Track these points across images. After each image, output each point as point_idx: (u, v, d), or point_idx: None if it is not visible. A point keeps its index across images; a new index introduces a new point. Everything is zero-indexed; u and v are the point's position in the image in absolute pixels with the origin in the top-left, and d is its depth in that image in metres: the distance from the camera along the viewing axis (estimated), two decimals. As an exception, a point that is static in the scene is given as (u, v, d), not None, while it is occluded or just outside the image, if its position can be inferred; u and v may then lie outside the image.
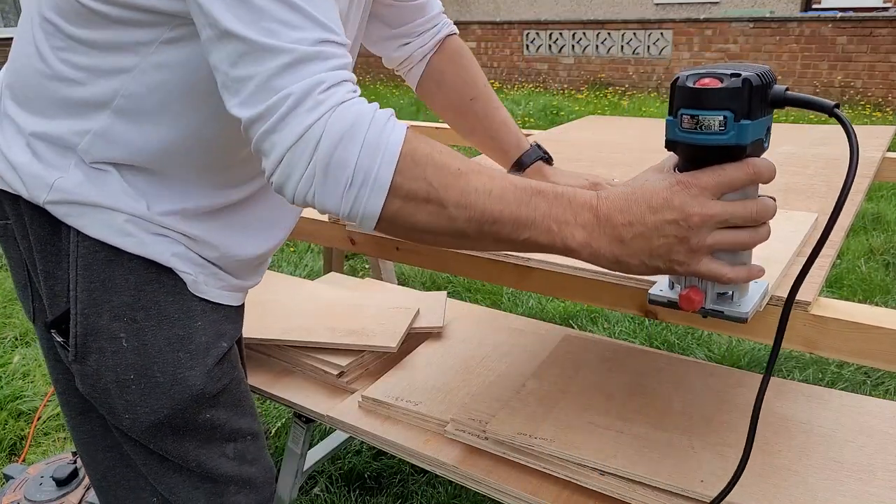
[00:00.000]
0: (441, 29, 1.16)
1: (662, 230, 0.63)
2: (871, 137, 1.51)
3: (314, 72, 0.61)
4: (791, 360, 2.33)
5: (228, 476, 0.92)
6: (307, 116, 0.60)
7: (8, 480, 1.67)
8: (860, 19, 7.87)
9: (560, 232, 0.65)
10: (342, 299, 1.63)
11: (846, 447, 1.03)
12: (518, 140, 1.14)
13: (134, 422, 0.85)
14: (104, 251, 0.80)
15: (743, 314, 0.69)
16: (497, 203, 0.64)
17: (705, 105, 0.61)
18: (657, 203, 0.64)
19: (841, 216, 0.99)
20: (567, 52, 9.70)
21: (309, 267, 3.31)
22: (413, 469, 1.83)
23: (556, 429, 1.08)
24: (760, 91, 0.61)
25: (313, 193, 0.63)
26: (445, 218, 0.64)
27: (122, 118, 0.77)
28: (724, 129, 0.61)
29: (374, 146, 0.61)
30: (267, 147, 0.63)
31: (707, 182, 0.63)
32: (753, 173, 0.63)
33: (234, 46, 0.61)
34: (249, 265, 0.93)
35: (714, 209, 0.63)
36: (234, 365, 0.92)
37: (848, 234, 0.96)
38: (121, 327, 0.82)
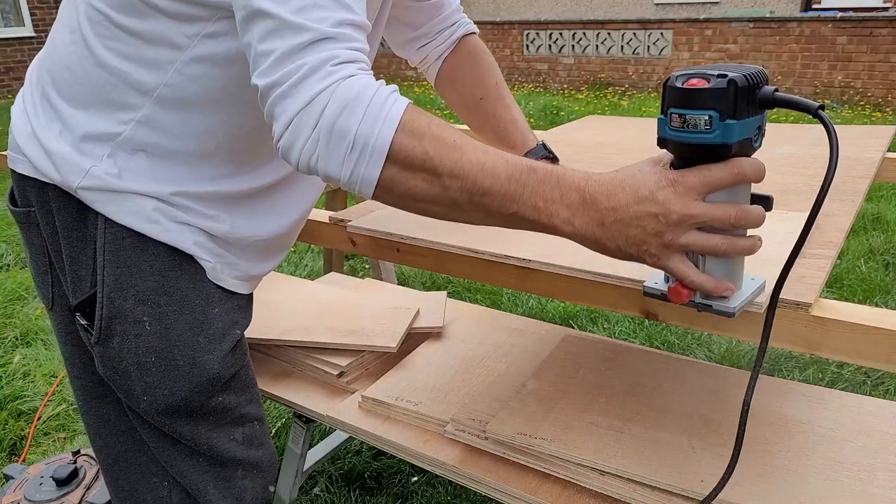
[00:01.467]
0: (457, 29, 1.19)
1: (641, 221, 0.65)
2: (871, 137, 1.50)
3: (331, 48, 0.65)
4: (791, 360, 2.34)
5: (237, 459, 0.96)
6: (317, 84, 0.64)
7: (8, 480, 1.67)
8: (860, 19, 7.87)
9: (545, 209, 0.67)
10: (342, 299, 1.63)
11: (846, 447, 1.03)
12: (524, 139, 1.15)
13: (151, 404, 0.88)
14: (131, 237, 0.84)
15: (730, 309, 0.70)
16: (488, 176, 0.66)
17: (692, 104, 0.63)
18: (643, 194, 0.65)
19: (841, 217, 1.00)
20: (567, 52, 9.70)
21: (309, 267, 3.31)
22: (413, 469, 1.83)
23: (556, 429, 1.08)
24: (747, 92, 0.62)
25: (317, 158, 0.66)
26: (439, 186, 0.67)
27: (164, 106, 0.81)
28: (710, 128, 0.62)
29: (375, 116, 0.65)
30: (278, 111, 0.66)
31: (693, 182, 0.65)
32: (738, 173, 0.64)
33: (264, 23, 0.66)
34: (264, 249, 0.97)
35: (694, 210, 0.64)
36: (245, 352, 0.97)
37: (848, 235, 0.96)
38: (145, 311, 0.86)
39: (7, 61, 9.74)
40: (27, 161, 0.86)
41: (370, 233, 1.08)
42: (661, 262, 0.68)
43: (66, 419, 2.15)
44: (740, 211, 0.66)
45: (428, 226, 0.82)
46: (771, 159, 1.35)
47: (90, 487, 1.60)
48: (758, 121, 0.65)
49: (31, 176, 0.87)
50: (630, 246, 0.67)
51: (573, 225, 0.67)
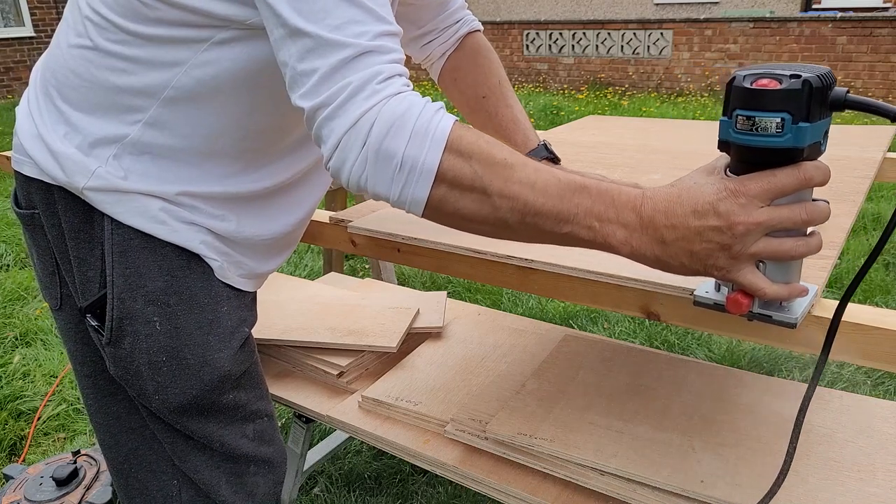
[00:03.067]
0: (462, 26, 1.19)
1: (705, 235, 0.63)
2: (872, 137, 1.50)
3: (373, 63, 0.65)
4: (791, 360, 2.34)
5: (249, 456, 0.97)
6: (364, 104, 0.64)
7: (8, 480, 1.67)
8: (860, 19, 7.87)
9: (601, 229, 0.65)
10: (342, 299, 1.63)
11: (846, 447, 1.03)
12: (526, 138, 1.15)
13: (163, 402, 0.89)
14: (138, 238, 0.85)
15: (792, 319, 0.67)
16: (540, 196, 0.65)
17: (762, 106, 0.60)
18: (702, 208, 0.63)
19: (842, 217, 1.00)
20: (567, 52, 9.70)
21: (309, 267, 3.31)
22: (413, 469, 1.83)
23: (556, 429, 1.08)
24: (820, 93, 0.59)
25: (366, 178, 0.66)
26: (489, 206, 0.66)
27: (170, 108, 0.81)
28: (781, 131, 0.59)
29: (423, 135, 0.64)
30: (325, 133, 0.66)
31: (756, 190, 0.62)
32: (805, 178, 0.62)
33: (303, 43, 0.66)
34: (270, 248, 0.97)
35: (760, 217, 0.62)
36: (253, 349, 0.98)
37: (848, 235, 0.96)
38: (155, 311, 0.86)
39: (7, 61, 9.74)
40: (32, 163, 0.86)
41: (371, 233, 1.08)
42: (731, 276, 0.65)
43: (66, 419, 2.15)
44: (809, 207, 0.63)
45: (428, 226, 0.82)
46: (771, 159, 1.35)
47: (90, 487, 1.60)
48: (827, 124, 0.63)
49: (36, 178, 0.87)
50: (695, 262, 0.65)
51: (631, 245, 0.65)
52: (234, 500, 0.97)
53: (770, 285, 0.65)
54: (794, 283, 0.67)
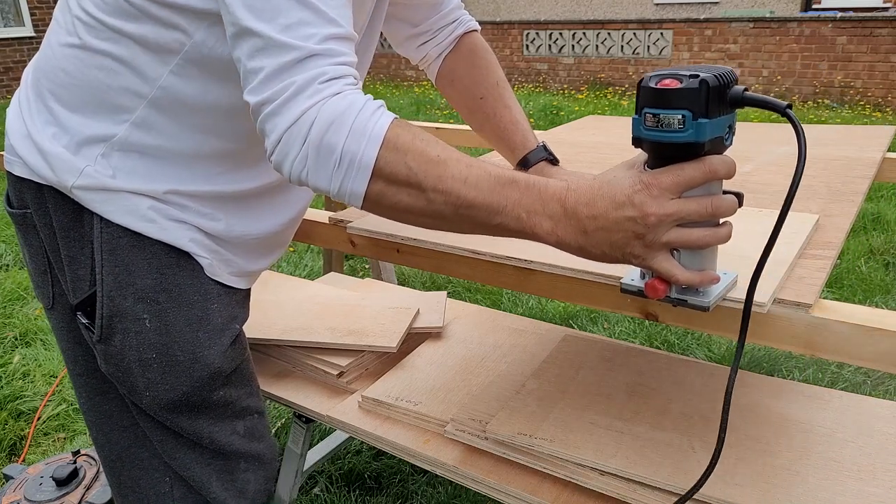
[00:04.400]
0: (458, 27, 1.18)
1: (622, 225, 0.67)
2: (871, 137, 1.50)
3: (318, 65, 0.67)
4: (791, 360, 2.34)
5: (239, 452, 0.98)
6: (305, 102, 0.67)
7: (8, 480, 1.67)
8: (860, 19, 7.87)
9: (529, 220, 0.69)
10: (342, 299, 1.63)
11: (846, 447, 1.03)
12: (525, 139, 1.15)
13: (154, 399, 0.90)
14: (127, 237, 0.86)
15: (705, 304, 0.72)
16: (472, 190, 0.69)
17: (666, 104, 0.64)
18: (619, 200, 0.67)
19: (841, 217, 1.00)
20: (567, 52, 9.70)
21: (309, 267, 3.31)
22: (413, 469, 1.83)
23: (556, 429, 1.08)
24: (718, 91, 0.64)
25: (307, 173, 0.69)
26: (424, 200, 0.70)
27: (158, 108, 0.83)
28: (683, 127, 0.64)
29: (361, 132, 0.67)
30: (269, 128, 0.69)
31: (667, 183, 0.66)
32: (710, 171, 0.66)
33: (253, 42, 0.68)
34: (260, 247, 0.98)
35: (670, 208, 0.66)
36: (245, 346, 0.98)
37: (848, 235, 0.96)
38: (144, 309, 0.87)
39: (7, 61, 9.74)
40: (23, 163, 0.87)
41: (370, 234, 1.08)
42: (646, 263, 0.69)
43: (65, 419, 2.15)
44: (715, 200, 0.67)
45: (428, 226, 0.83)
46: (771, 159, 1.35)
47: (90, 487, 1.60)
48: (729, 119, 0.67)
49: (27, 178, 0.87)
50: (614, 250, 0.69)
51: (557, 235, 0.69)
52: (224, 497, 0.98)
53: (683, 272, 0.69)
54: (708, 270, 0.72)
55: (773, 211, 1.01)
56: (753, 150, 1.43)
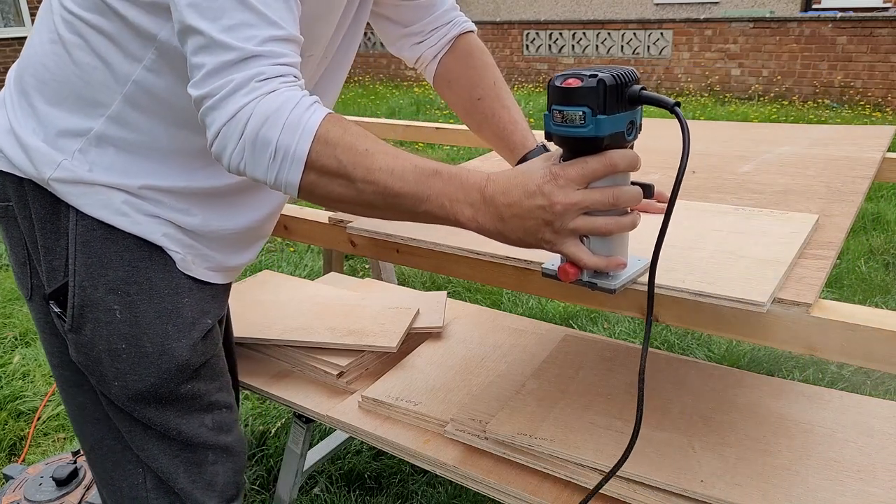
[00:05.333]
0: (452, 28, 1.18)
1: (533, 213, 0.72)
2: (871, 137, 1.50)
3: (257, 66, 0.71)
4: (791, 360, 2.34)
5: (207, 444, 0.99)
6: (242, 99, 0.71)
7: (8, 480, 1.67)
8: (860, 19, 7.87)
9: (451, 208, 0.74)
10: (342, 299, 1.63)
11: (846, 447, 1.03)
12: (524, 139, 1.15)
13: (122, 389, 0.92)
14: (101, 230, 0.88)
15: (611, 287, 0.77)
16: (398, 180, 0.73)
17: (569, 102, 0.70)
18: (531, 189, 0.72)
19: (841, 217, 1.00)
20: (567, 52, 9.70)
21: (309, 267, 3.31)
22: (413, 469, 1.83)
23: (556, 429, 1.08)
24: (615, 90, 0.69)
25: (244, 164, 0.73)
26: (355, 190, 0.74)
27: (132, 104, 0.85)
28: (584, 122, 0.69)
29: (294, 127, 0.71)
30: (209, 121, 0.73)
31: (572, 174, 0.71)
32: (611, 164, 0.71)
33: (196, 39, 0.72)
34: (237, 241, 0.99)
35: (575, 198, 0.71)
36: (216, 342, 1.00)
37: (848, 235, 0.96)
38: (115, 300, 0.90)
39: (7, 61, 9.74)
40: (5, 157, 0.90)
41: (370, 234, 1.08)
42: (556, 248, 0.74)
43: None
44: (617, 191, 0.72)
45: (427, 227, 0.82)
46: (771, 159, 1.35)
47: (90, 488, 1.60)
48: (629, 116, 0.72)
49: (8, 171, 0.90)
50: (528, 236, 0.74)
51: (477, 221, 0.74)
52: (191, 489, 0.99)
53: (590, 256, 0.74)
54: (616, 256, 0.77)
55: (773, 211, 1.01)
56: (753, 149, 1.43)
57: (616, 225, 0.74)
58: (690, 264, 0.84)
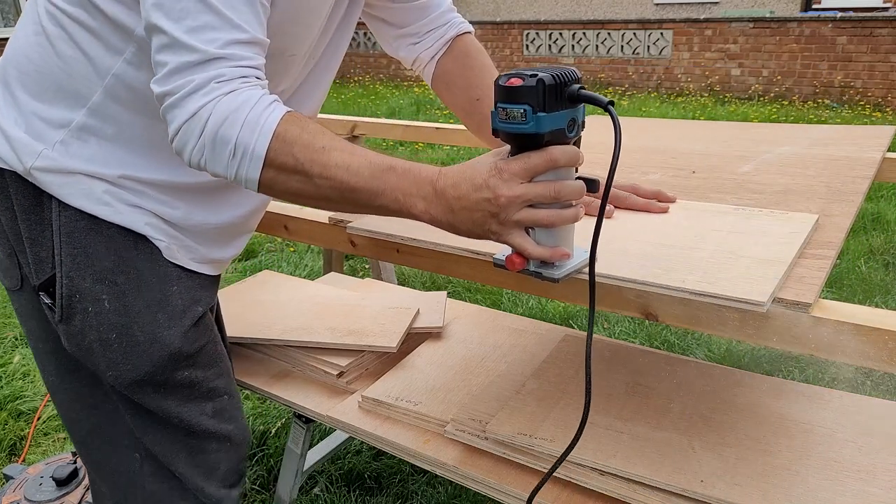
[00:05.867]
0: (449, 29, 1.18)
1: (480, 205, 0.75)
2: (871, 137, 1.50)
3: (218, 67, 0.74)
4: (791, 360, 2.34)
5: (209, 432, 1.00)
6: (202, 99, 0.73)
7: (8, 480, 1.67)
8: (860, 19, 7.87)
9: (405, 201, 0.77)
10: (342, 299, 1.63)
11: (846, 447, 1.03)
12: None
13: (117, 378, 0.93)
14: (84, 220, 0.89)
15: (555, 276, 0.80)
16: (354, 176, 0.76)
17: (511, 100, 0.73)
18: (478, 183, 0.75)
19: (841, 217, 1.00)
20: (567, 52, 9.70)
21: (309, 267, 3.31)
22: (413, 469, 1.83)
23: (556, 429, 1.08)
24: (554, 89, 0.72)
25: (205, 161, 0.76)
26: (312, 186, 0.77)
27: (113, 96, 0.86)
28: (525, 119, 0.73)
29: (253, 126, 0.74)
30: (169, 118, 0.75)
31: (516, 169, 0.74)
32: (551, 159, 0.74)
33: (161, 38, 0.74)
34: (221, 235, 1.00)
35: (518, 191, 0.74)
36: (210, 328, 1.00)
37: (848, 235, 0.96)
38: (103, 290, 0.90)
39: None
40: None
41: (370, 234, 1.08)
42: (502, 238, 0.77)
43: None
44: (558, 185, 0.75)
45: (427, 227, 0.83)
46: (770, 159, 1.35)
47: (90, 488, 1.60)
48: (569, 114, 0.75)
49: None
50: (476, 227, 0.77)
51: (430, 213, 0.77)
52: (191, 475, 1.00)
53: (534, 247, 0.77)
54: (561, 247, 0.80)
55: (773, 211, 1.01)
56: (753, 150, 1.43)
57: (558, 217, 0.76)
58: (690, 264, 0.84)
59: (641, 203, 1.04)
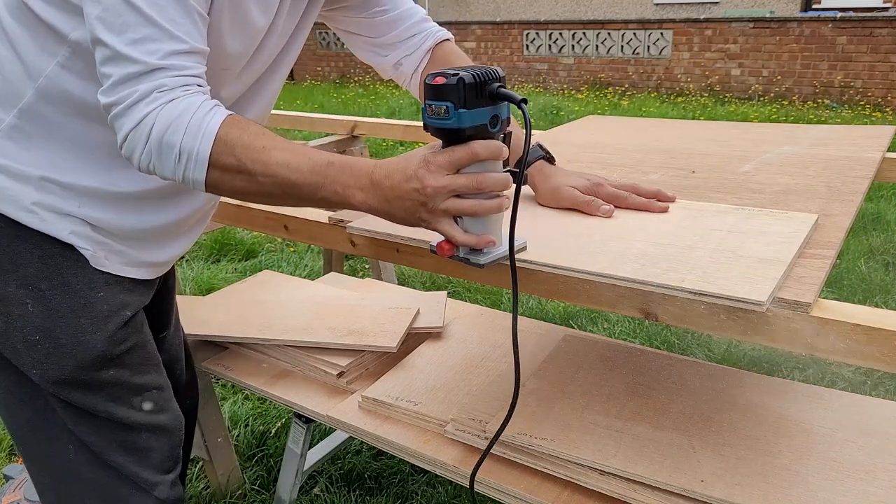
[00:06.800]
0: (425, 40, 1.17)
1: (410, 195, 0.80)
2: (871, 137, 1.50)
3: (159, 77, 0.77)
4: (791, 360, 2.34)
5: (139, 424, 1.02)
6: (145, 108, 0.77)
7: (8, 480, 1.67)
8: (860, 19, 7.87)
9: (344, 193, 0.82)
10: (342, 299, 1.63)
11: (846, 447, 1.03)
12: (517, 139, 1.14)
13: (42, 377, 0.95)
14: (9, 227, 0.90)
15: (479, 262, 0.86)
16: (294, 173, 0.81)
17: (437, 97, 0.78)
18: (408, 174, 0.80)
19: (841, 217, 1.00)
20: (567, 52, 9.70)
21: (309, 267, 3.31)
22: (413, 469, 1.83)
23: (556, 429, 1.08)
24: (474, 88, 0.78)
25: (153, 166, 0.80)
26: (256, 184, 0.81)
27: (45, 99, 0.88)
28: (448, 115, 0.78)
29: (196, 131, 0.78)
30: (117, 127, 0.80)
31: (441, 161, 0.79)
32: (472, 153, 0.79)
33: (104, 51, 0.77)
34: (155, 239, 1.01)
35: (443, 182, 0.79)
36: (139, 329, 1.03)
37: (848, 235, 0.96)
38: (27, 294, 0.92)
39: None
40: None
41: (370, 234, 1.08)
42: (432, 226, 0.82)
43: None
44: (481, 177, 0.80)
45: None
46: (770, 159, 1.35)
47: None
48: (491, 111, 0.80)
49: None
50: (409, 215, 0.82)
51: (368, 203, 0.82)
52: (125, 463, 1.02)
53: (461, 234, 0.83)
54: (487, 235, 0.85)
55: (773, 211, 1.01)
56: (753, 150, 1.43)
57: (481, 207, 0.81)
58: (690, 264, 0.84)
59: (641, 203, 1.04)
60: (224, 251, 3.50)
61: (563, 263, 0.89)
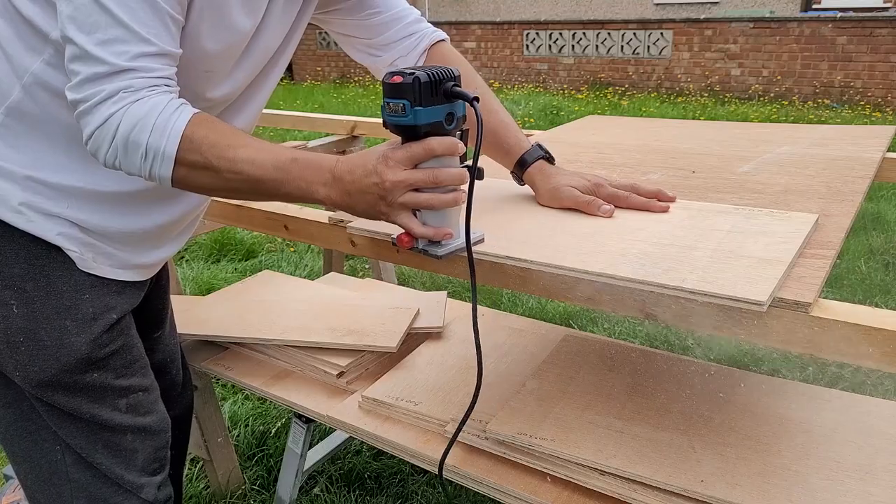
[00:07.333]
0: (420, 41, 1.16)
1: (370, 189, 0.83)
2: (871, 137, 1.50)
3: (126, 78, 0.79)
4: (791, 360, 2.34)
5: (124, 426, 1.02)
6: (112, 108, 0.78)
7: (8, 480, 1.67)
8: (860, 19, 7.88)
9: (308, 188, 0.85)
10: (342, 299, 1.63)
11: (846, 447, 1.03)
12: (518, 140, 1.14)
13: (24, 379, 0.94)
14: None
15: (437, 254, 0.89)
16: (259, 169, 0.83)
17: (394, 95, 0.82)
18: (368, 168, 0.83)
19: (841, 217, 1.00)
20: (567, 52, 9.70)
21: (309, 267, 3.31)
22: (413, 469, 1.83)
23: (556, 429, 1.08)
24: (429, 86, 0.81)
25: (119, 163, 0.82)
26: (222, 180, 0.84)
27: (32, 96, 0.88)
28: (405, 113, 0.81)
29: (162, 129, 0.80)
30: (83, 124, 0.81)
31: (399, 156, 0.82)
32: (428, 149, 0.82)
33: (73, 49, 0.78)
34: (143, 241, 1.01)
35: (400, 176, 0.82)
36: (125, 332, 1.02)
37: (848, 234, 0.96)
38: (11, 295, 0.92)
39: None
40: None
41: (370, 234, 1.08)
42: (391, 219, 0.85)
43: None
44: (437, 172, 0.83)
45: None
46: (770, 159, 1.35)
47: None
48: (446, 108, 0.83)
49: None
50: (369, 208, 0.85)
51: (331, 198, 0.84)
52: (110, 465, 1.01)
53: (419, 227, 0.86)
54: (445, 227, 0.88)
55: (773, 210, 1.01)
56: (753, 150, 1.43)
57: (437, 200, 0.84)
58: (690, 264, 0.84)
59: (641, 202, 1.04)
60: (224, 251, 3.50)
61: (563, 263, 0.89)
